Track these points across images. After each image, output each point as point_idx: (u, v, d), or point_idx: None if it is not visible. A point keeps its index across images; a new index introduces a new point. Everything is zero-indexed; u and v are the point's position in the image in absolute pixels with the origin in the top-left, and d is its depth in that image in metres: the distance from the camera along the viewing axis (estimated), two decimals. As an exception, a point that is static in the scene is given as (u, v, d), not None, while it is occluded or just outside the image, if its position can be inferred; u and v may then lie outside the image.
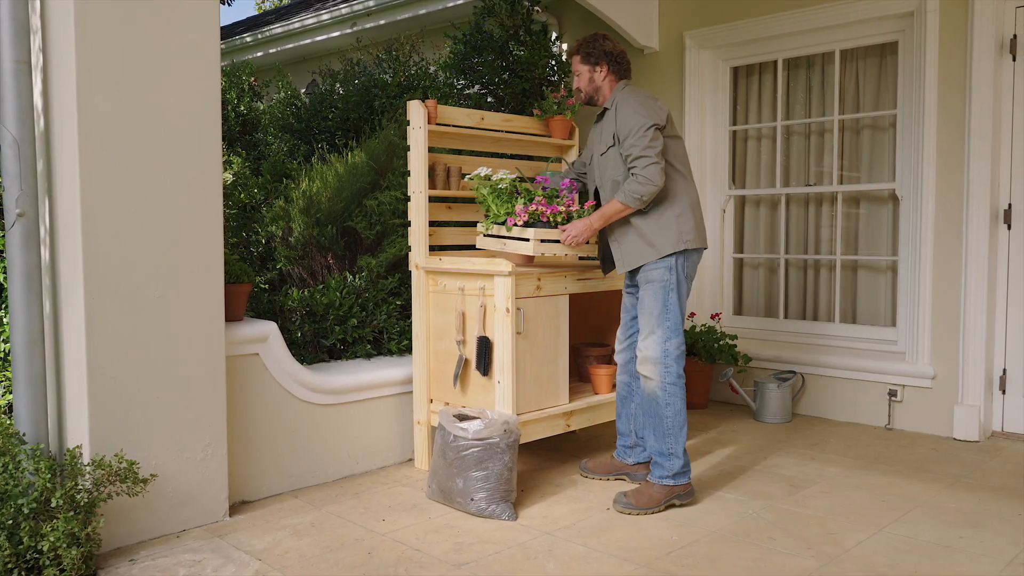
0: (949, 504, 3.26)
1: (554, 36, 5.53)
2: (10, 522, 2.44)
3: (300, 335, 3.83)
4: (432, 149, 3.92)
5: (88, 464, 2.63)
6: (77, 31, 2.65)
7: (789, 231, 5.10)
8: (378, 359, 3.97)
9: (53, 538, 2.41)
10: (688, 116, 5.22)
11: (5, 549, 2.39)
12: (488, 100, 5.15)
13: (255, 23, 9.65)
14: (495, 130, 4.02)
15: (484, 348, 3.40)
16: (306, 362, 3.83)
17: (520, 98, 5.09)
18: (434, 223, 3.85)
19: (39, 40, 2.79)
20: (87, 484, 2.61)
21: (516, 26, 5.11)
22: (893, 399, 4.46)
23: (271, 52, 8.31)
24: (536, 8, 5.31)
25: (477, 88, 5.18)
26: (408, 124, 3.70)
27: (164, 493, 2.92)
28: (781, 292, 5.11)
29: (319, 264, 4.31)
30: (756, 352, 4.97)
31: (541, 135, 4.28)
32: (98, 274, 2.73)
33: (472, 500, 3.12)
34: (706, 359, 4.82)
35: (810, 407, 4.81)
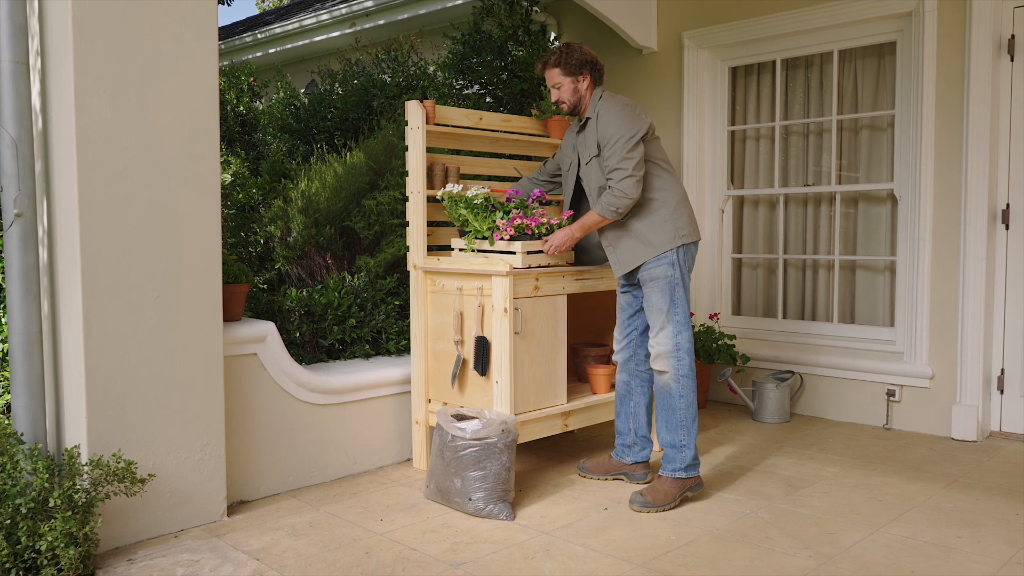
0: (947, 504, 3.26)
1: (553, 36, 5.53)
2: (8, 522, 2.44)
3: (298, 335, 3.83)
4: (430, 149, 3.93)
5: (86, 464, 2.64)
6: (75, 32, 2.65)
7: (787, 231, 5.11)
8: (376, 359, 3.98)
9: (51, 538, 2.42)
10: (687, 116, 5.23)
11: (3, 549, 2.40)
12: (487, 100, 5.15)
13: (254, 23, 9.66)
14: (493, 130, 4.03)
15: (482, 348, 3.40)
16: (304, 362, 3.83)
17: (519, 98, 5.10)
18: (432, 223, 3.86)
19: (37, 41, 2.79)
20: (85, 484, 2.61)
21: (515, 26, 5.11)
22: (891, 399, 4.46)
23: (270, 52, 8.32)
24: (535, 8, 5.31)
25: (476, 88, 5.18)
26: (406, 124, 3.71)
27: (162, 493, 2.92)
28: (779, 292, 5.11)
29: (317, 264, 4.32)
30: (754, 352, 4.97)
31: (539, 135, 4.28)
32: (96, 274, 2.73)
33: (470, 500, 3.12)
34: (704, 359, 4.82)
35: (808, 407, 4.81)
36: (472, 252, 3.58)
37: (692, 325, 5.02)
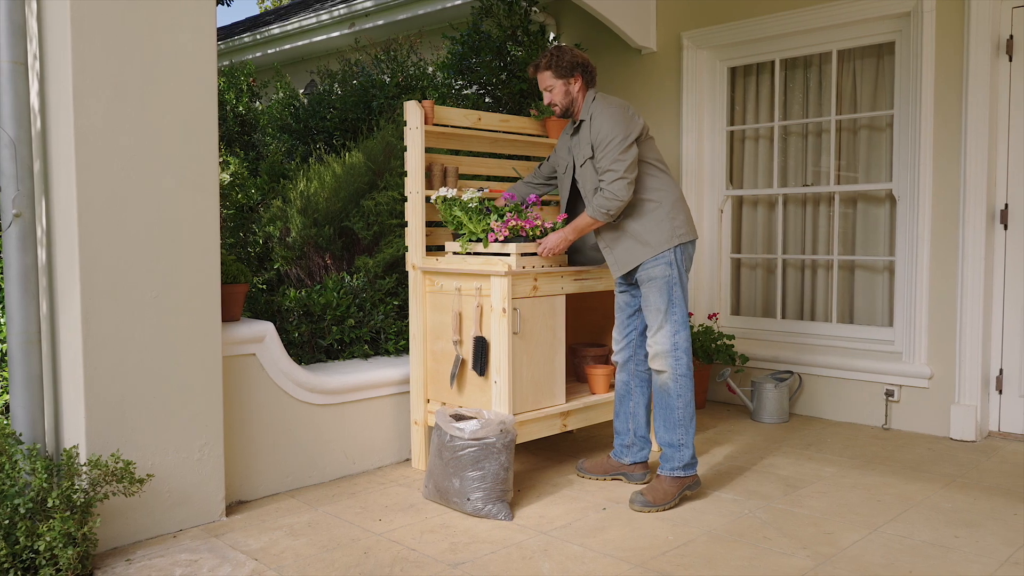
0: (945, 504, 3.27)
1: (552, 37, 5.53)
2: (6, 522, 2.45)
3: (297, 335, 3.83)
4: (429, 149, 3.93)
5: (84, 464, 2.64)
6: (73, 32, 2.65)
7: (786, 231, 5.11)
8: (375, 359, 3.98)
9: (49, 538, 2.42)
10: (685, 116, 5.23)
11: (1, 549, 2.40)
12: (486, 100, 5.16)
13: (254, 23, 9.66)
14: (492, 130, 4.03)
15: (481, 348, 3.41)
16: (303, 362, 3.84)
17: (518, 98, 5.10)
18: (431, 223, 3.86)
19: (36, 42, 2.80)
20: (83, 484, 2.61)
21: (514, 27, 5.12)
22: (890, 399, 4.46)
23: (270, 52, 8.32)
24: (534, 8, 5.31)
25: (475, 89, 5.19)
26: (405, 124, 3.71)
27: (160, 493, 2.92)
28: (778, 292, 5.11)
29: (316, 264, 4.32)
30: (753, 352, 4.98)
31: (538, 135, 4.29)
32: (94, 274, 2.73)
33: (468, 500, 3.12)
34: (703, 359, 4.82)
35: (807, 407, 4.82)
36: (467, 255, 3.58)
37: (691, 325, 5.05)
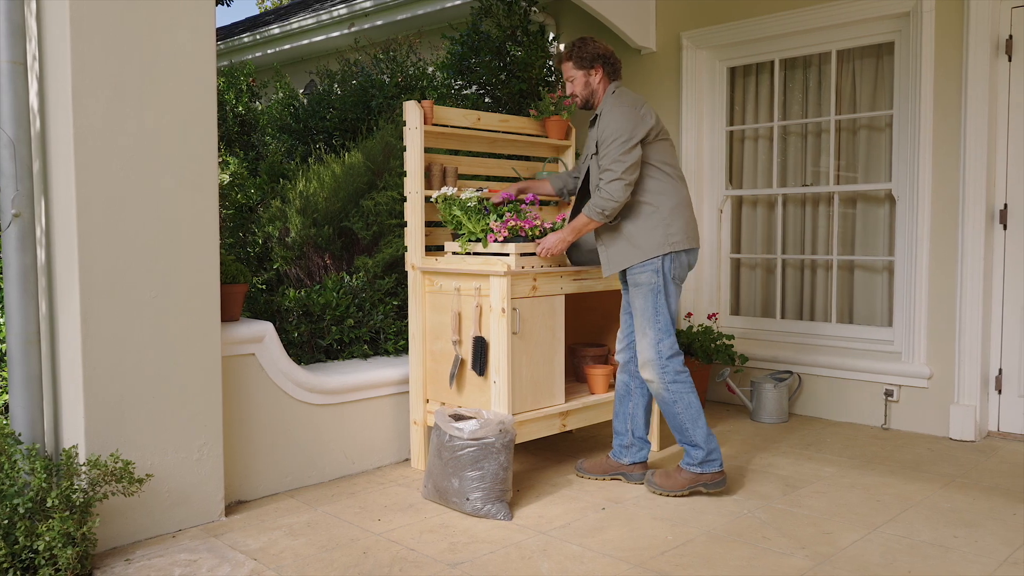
0: (944, 504, 3.27)
1: (551, 37, 5.53)
2: (6, 522, 2.45)
3: (297, 335, 3.84)
4: (428, 149, 3.93)
5: (84, 464, 2.64)
6: (72, 32, 2.65)
7: (786, 231, 5.11)
8: (375, 359, 3.98)
9: (49, 538, 2.42)
10: (685, 116, 5.23)
11: (1, 549, 2.40)
12: (485, 100, 5.16)
13: (253, 23, 9.66)
14: (491, 130, 4.03)
15: (480, 348, 3.41)
16: (303, 362, 3.84)
17: (517, 98, 5.10)
18: (430, 223, 3.86)
19: (35, 42, 2.80)
20: (83, 484, 2.61)
21: (513, 27, 5.12)
22: (889, 399, 4.46)
23: (269, 52, 8.32)
24: (533, 9, 5.31)
25: (474, 88, 5.19)
26: (404, 124, 3.71)
27: (160, 493, 2.93)
28: (778, 292, 5.11)
29: (316, 264, 4.32)
30: (753, 352, 4.98)
31: (537, 135, 4.29)
32: (94, 274, 2.73)
33: (468, 500, 3.12)
34: (703, 359, 4.82)
35: (806, 407, 4.82)
36: (466, 255, 3.58)
37: (691, 325, 5.05)
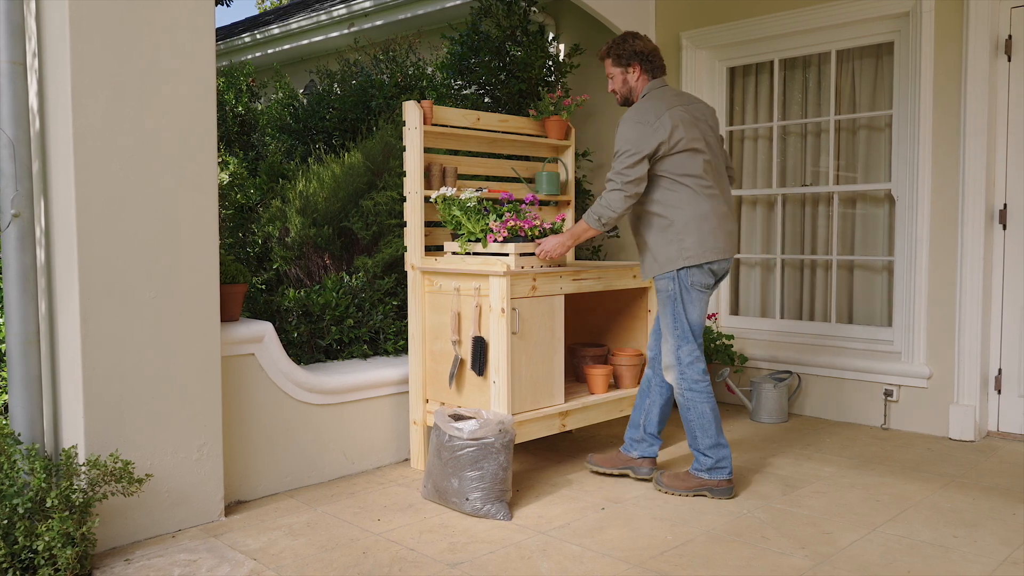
0: (944, 504, 3.27)
1: (551, 37, 5.53)
2: (5, 522, 2.45)
3: (296, 335, 3.83)
4: (428, 150, 3.93)
5: (83, 464, 2.64)
6: (72, 32, 2.65)
7: (785, 231, 5.11)
8: (374, 359, 3.98)
9: (48, 538, 2.42)
10: (685, 116, 5.23)
11: (0, 549, 2.40)
12: (485, 100, 5.16)
13: (253, 24, 9.66)
14: (491, 130, 4.03)
15: (480, 348, 3.41)
16: (302, 362, 3.84)
17: (517, 98, 5.10)
18: (430, 223, 3.86)
19: (34, 41, 2.80)
20: (82, 484, 2.61)
21: (513, 27, 5.12)
22: (889, 399, 4.46)
23: (269, 52, 8.33)
24: (533, 9, 5.31)
25: (474, 89, 5.19)
26: (404, 125, 3.71)
27: (159, 493, 2.93)
28: (777, 292, 5.11)
29: (316, 264, 4.32)
30: (752, 352, 4.98)
31: (537, 135, 4.29)
32: (93, 275, 2.73)
33: (467, 500, 3.12)
34: (702, 359, 4.82)
35: (806, 407, 4.82)
36: (466, 255, 3.58)
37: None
